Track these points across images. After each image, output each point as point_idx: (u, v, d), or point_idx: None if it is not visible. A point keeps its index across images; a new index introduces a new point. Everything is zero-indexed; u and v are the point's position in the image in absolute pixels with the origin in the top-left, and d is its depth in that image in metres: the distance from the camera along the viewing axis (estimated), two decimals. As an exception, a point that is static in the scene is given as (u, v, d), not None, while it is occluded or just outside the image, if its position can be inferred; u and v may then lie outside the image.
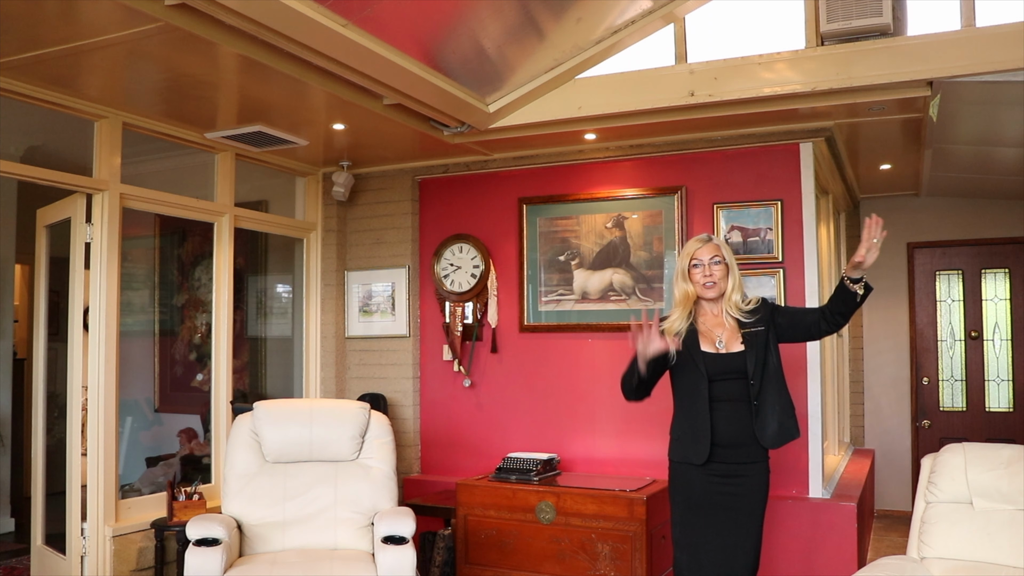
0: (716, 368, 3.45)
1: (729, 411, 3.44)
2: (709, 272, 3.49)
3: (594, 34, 4.67)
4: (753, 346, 3.45)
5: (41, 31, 3.60)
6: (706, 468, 3.45)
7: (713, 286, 3.49)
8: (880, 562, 3.37)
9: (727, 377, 3.44)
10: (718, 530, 3.45)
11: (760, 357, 3.44)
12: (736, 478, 3.45)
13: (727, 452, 3.44)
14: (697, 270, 3.51)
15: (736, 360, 3.45)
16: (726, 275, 3.52)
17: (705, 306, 3.57)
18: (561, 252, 5.69)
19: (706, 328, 3.54)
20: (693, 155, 5.39)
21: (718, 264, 3.50)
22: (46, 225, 5.24)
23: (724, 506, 3.45)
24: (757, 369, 3.42)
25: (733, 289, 3.52)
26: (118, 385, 4.78)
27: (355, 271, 6.33)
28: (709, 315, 3.56)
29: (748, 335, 3.47)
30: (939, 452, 3.58)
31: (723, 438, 3.43)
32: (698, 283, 3.51)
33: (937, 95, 4.43)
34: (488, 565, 5.00)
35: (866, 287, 3.37)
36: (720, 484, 3.45)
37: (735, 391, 3.44)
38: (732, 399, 3.44)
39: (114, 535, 4.68)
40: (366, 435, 4.43)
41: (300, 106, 4.74)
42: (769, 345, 3.48)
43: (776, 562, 4.86)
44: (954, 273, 7.46)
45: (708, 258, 3.51)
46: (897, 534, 6.69)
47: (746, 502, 3.45)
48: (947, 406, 7.45)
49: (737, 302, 3.53)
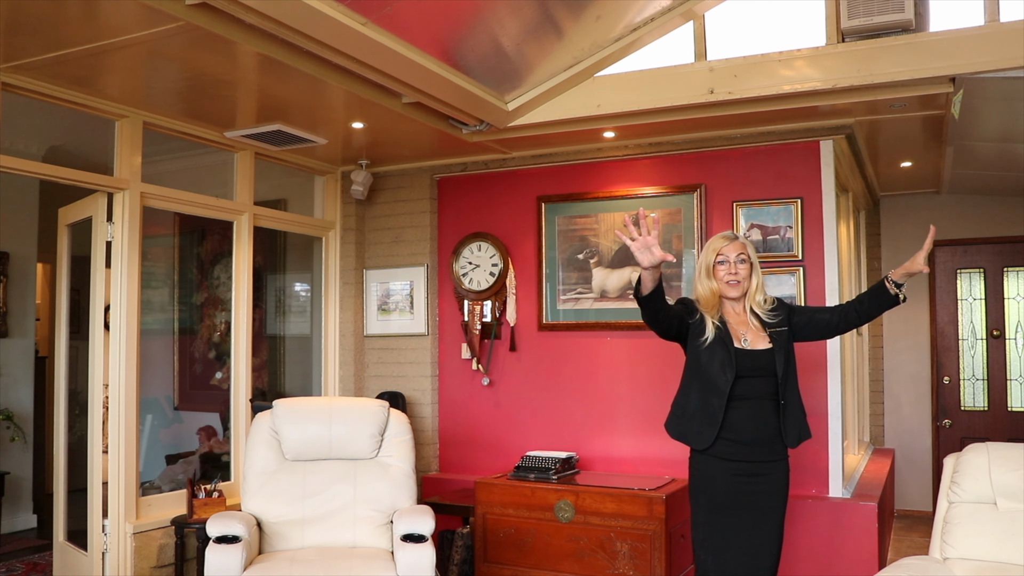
0: (744, 364, 3.42)
1: (754, 409, 3.42)
2: (735, 270, 3.47)
3: (613, 32, 4.66)
4: (780, 345, 3.44)
5: (63, 32, 3.63)
6: (730, 466, 3.42)
7: (737, 284, 3.47)
8: (902, 562, 3.34)
9: (753, 374, 3.42)
10: (743, 530, 3.43)
11: (787, 357, 3.45)
12: (760, 476, 3.43)
13: (751, 450, 3.42)
14: (722, 267, 3.48)
15: (762, 358, 3.43)
16: (750, 274, 3.50)
17: (727, 304, 3.54)
18: (580, 250, 5.68)
19: (731, 326, 3.51)
20: (712, 153, 5.37)
21: (743, 263, 3.48)
22: (68, 224, 5.28)
23: (748, 506, 3.43)
24: (786, 369, 3.43)
25: (757, 288, 3.51)
26: (139, 383, 4.81)
27: (374, 269, 6.34)
28: (732, 313, 3.54)
29: (774, 334, 3.46)
30: (962, 452, 3.55)
31: (746, 435, 3.41)
32: (721, 280, 3.48)
33: (960, 91, 4.39)
34: (506, 564, 5.00)
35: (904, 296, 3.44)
36: (745, 483, 3.43)
37: (760, 389, 3.42)
38: (757, 397, 3.42)
39: (135, 532, 4.71)
40: (385, 433, 4.44)
41: (319, 105, 4.75)
42: (790, 345, 3.48)
43: (796, 562, 4.84)
44: (975, 271, 7.39)
45: (735, 255, 3.48)
46: (918, 534, 6.64)
47: (769, 500, 3.44)
48: (968, 405, 7.38)
49: (760, 302, 3.52)
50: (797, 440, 3.46)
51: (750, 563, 3.42)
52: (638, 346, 5.42)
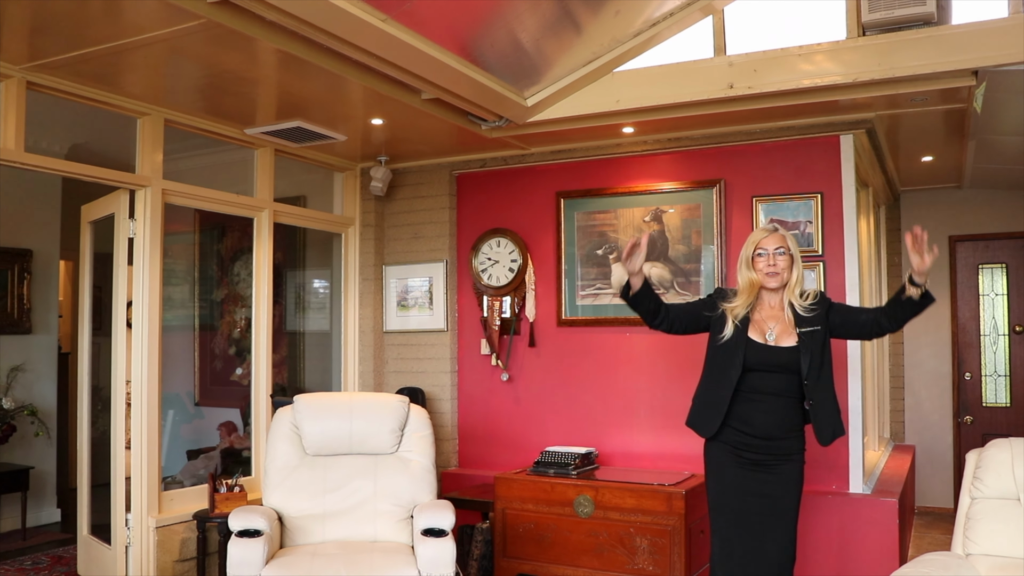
0: (758, 359, 3.45)
1: (770, 404, 3.45)
2: (773, 262, 3.50)
3: (632, 27, 4.65)
4: (808, 346, 3.43)
5: (86, 31, 3.66)
6: (739, 456, 3.48)
7: (776, 276, 3.50)
8: (924, 558, 3.32)
9: (770, 370, 3.44)
10: (751, 529, 3.46)
11: (816, 359, 3.43)
12: (768, 472, 3.45)
13: (762, 443, 3.45)
14: (761, 259, 3.52)
15: (784, 355, 3.44)
16: (790, 266, 3.52)
17: (764, 296, 3.57)
18: (599, 246, 5.67)
19: (760, 318, 3.54)
20: (732, 148, 5.35)
21: (783, 255, 3.50)
22: (90, 221, 5.32)
23: (757, 508, 3.45)
24: (813, 370, 3.42)
25: (796, 282, 3.52)
26: (161, 379, 4.85)
27: (393, 265, 6.36)
28: (766, 306, 3.56)
29: (804, 334, 3.45)
30: (985, 447, 3.52)
31: (756, 428, 3.45)
32: (761, 271, 3.51)
33: (982, 84, 4.35)
34: (526, 558, 5.01)
35: (926, 295, 3.39)
36: (752, 472, 3.46)
37: (779, 385, 3.44)
38: (775, 393, 3.45)
39: (157, 526, 4.76)
40: (405, 428, 4.45)
41: (339, 101, 4.77)
42: (825, 345, 3.48)
43: (816, 557, 4.82)
44: (998, 267, 7.33)
45: (773, 248, 3.51)
46: (939, 531, 6.60)
47: (780, 504, 3.46)
48: (990, 402, 7.33)
49: (798, 295, 3.52)
50: (831, 437, 3.48)
51: (758, 562, 3.44)
52: (657, 341, 5.41)
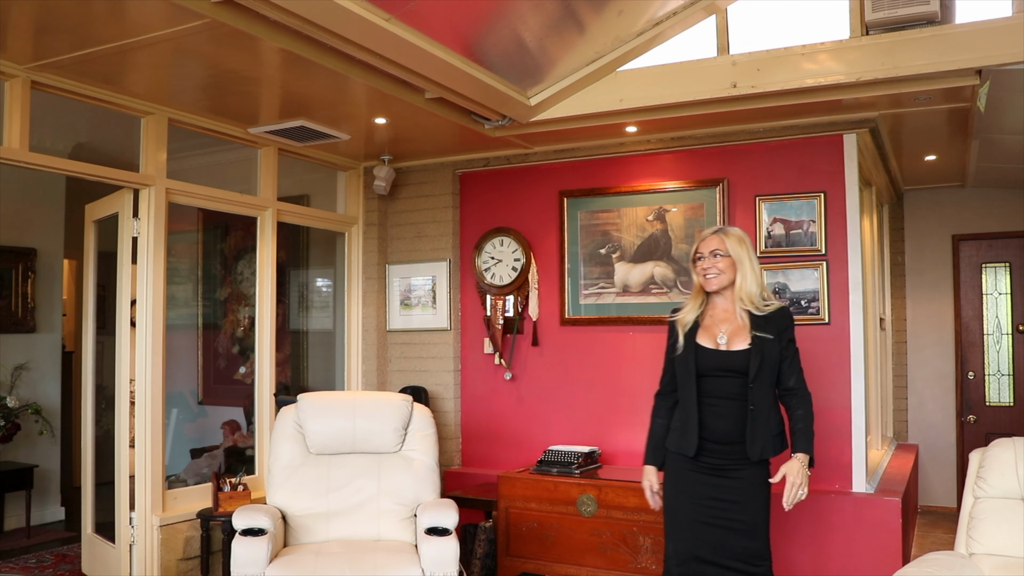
0: (710, 364, 3.39)
1: (725, 408, 3.37)
2: (708, 264, 3.44)
3: (635, 26, 4.65)
4: (760, 350, 3.34)
5: (90, 30, 3.67)
6: (696, 460, 3.40)
7: (713, 279, 3.43)
8: (927, 557, 3.32)
9: (723, 374, 3.37)
10: (706, 536, 3.36)
11: (767, 365, 3.34)
12: (726, 477, 3.36)
13: (719, 447, 3.37)
14: (700, 262, 3.48)
15: (736, 358, 3.35)
16: (731, 268, 3.43)
17: (715, 299, 3.51)
18: (602, 245, 5.68)
19: (712, 322, 3.48)
20: (735, 147, 5.35)
21: (719, 257, 3.43)
22: (94, 220, 5.33)
23: (712, 515, 3.36)
24: (759, 375, 3.32)
25: (744, 283, 3.42)
26: (165, 378, 4.86)
27: (396, 264, 6.37)
28: (718, 309, 3.50)
29: (757, 338, 3.36)
30: (988, 446, 3.52)
31: (715, 434, 3.37)
32: (699, 274, 3.48)
33: (986, 83, 4.35)
34: (529, 557, 5.02)
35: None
36: (708, 477, 3.38)
37: (734, 389, 3.35)
38: (730, 396, 3.36)
39: (161, 524, 4.77)
40: (409, 427, 4.46)
41: (342, 101, 4.78)
42: (774, 353, 3.37)
43: (820, 557, 4.82)
44: (1001, 266, 7.33)
45: (709, 251, 3.45)
46: (942, 531, 6.60)
47: (740, 511, 3.34)
48: (994, 401, 7.32)
49: (752, 296, 3.41)
50: (759, 454, 3.31)
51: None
52: (660, 340, 5.33)
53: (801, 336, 5.01)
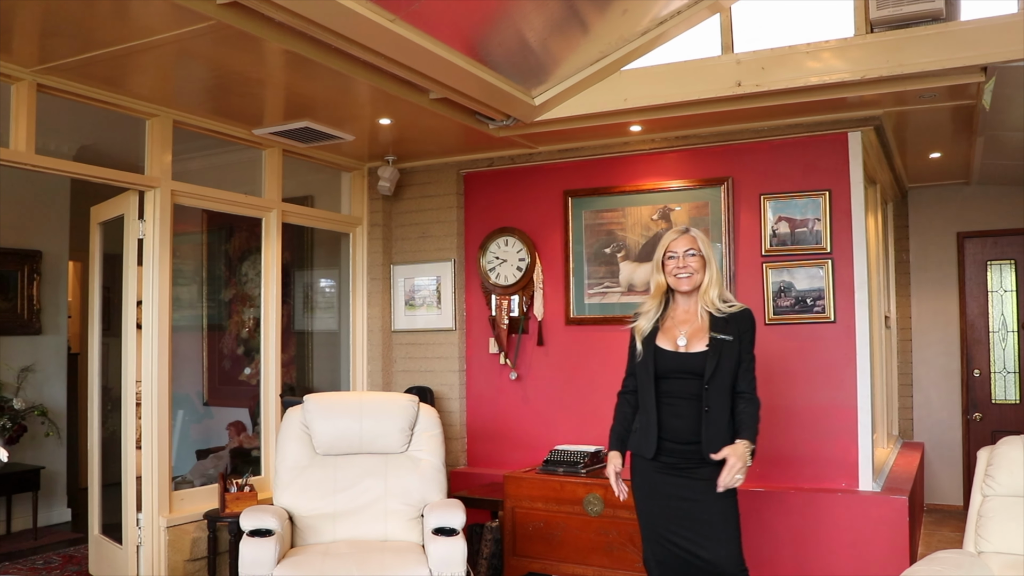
0: (669, 366, 3.39)
1: (684, 408, 3.37)
2: (683, 264, 3.42)
3: (640, 25, 4.64)
4: (717, 351, 3.34)
5: (95, 33, 3.67)
6: (656, 461, 3.41)
7: (687, 278, 3.42)
8: (936, 556, 3.31)
9: (682, 375, 3.37)
10: (676, 534, 3.38)
11: (724, 367, 3.34)
12: (686, 477, 3.37)
13: (678, 447, 3.38)
14: (672, 261, 3.46)
15: (693, 360, 3.36)
16: (702, 268, 3.43)
17: (679, 300, 3.50)
18: (607, 244, 5.68)
19: (672, 324, 3.47)
20: (740, 146, 5.35)
21: (693, 256, 3.43)
22: (100, 222, 5.34)
23: (677, 513, 3.37)
24: (717, 376, 3.32)
25: (710, 284, 3.43)
26: (171, 379, 4.87)
27: (401, 265, 6.37)
28: (680, 310, 3.49)
29: (715, 340, 3.36)
30: (996, 445, 3.51)
31: (673, 434, 3.38)
32: (671, 274, 3.46)
33: (991, 80, 4.34)
34: (536, 557, 5.02)
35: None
36: (670, 476, 3.39)
37: (692, 390, 3.36)
38: (689, 397, 3.36)
39: (168, 525, 4.77)
40: (415, 428, 4.46)
41: (346, 102, 4.78)
42: (732, 355, 3.37)
43: (826, 556, 4.82)
44: (1006, 263, 7.32)
45: (683, 250, 3.44)
46: (948, 529, 6.59)
47: (703, 510, 3.34)
48: (999, 398, 7.31)
49: (714, 299, 3.42)
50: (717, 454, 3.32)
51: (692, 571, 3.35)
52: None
53: (807, 334, 5.07)
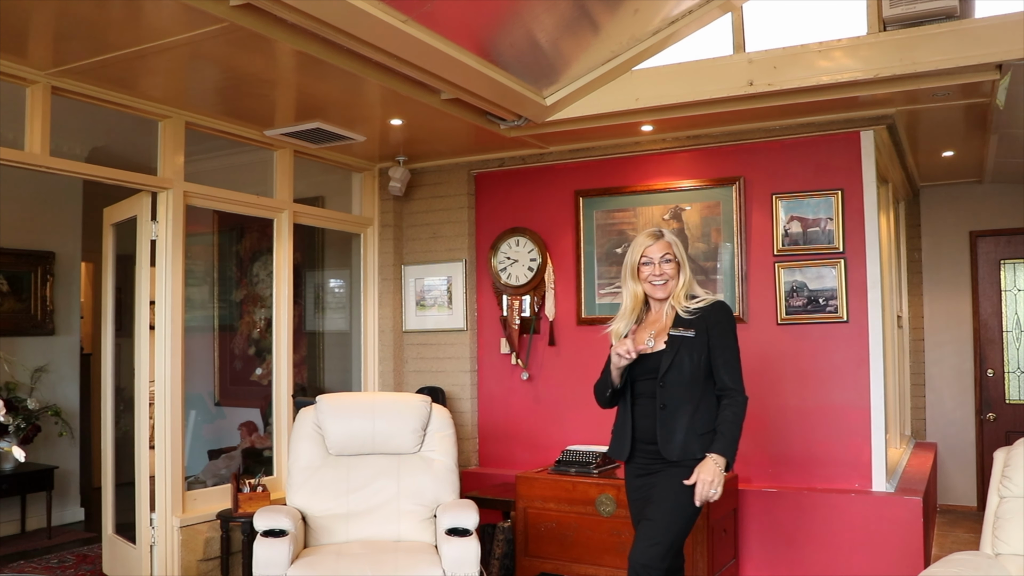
0: (636, 368, 3.36)
1: (648, 408, 3.36)
2: (660, 271, 3.34)
3: (651, 25, 4.64)
4: (674, 349, 3.29)
5: (108, 35, 3.69)
6: (631, 463, 3.45)
7: (663, 285, 3.35)
8: (953, 558, 3.29)
9: (645, 376, 3.35)
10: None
11: (677, 361, 3.28)
12: (652, 477, 3.36)
13: (646, 447, 3.38)
14: (647, 268, 3.36)
15: (652, 359, 3.32)
16: (676, 274, 3.37)
17: (653, 306, 3.46)
18: (618, 244, 5.67)
19: (643, 326, 3.44)
20: (751, 145, 5.34)
21: (669, 262, 3.35)
22: (112, 224, 5.36)
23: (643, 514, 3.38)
24: (672, 372, 3.27)
25: (682, 287, 3.37)
26: (183, 379, 4.88)
27: (412, 265, 6.38)
28: (652, 312, 3.46)
29: (673, 337, 3.30)
30: (1013, 445, 3.48)
31: (641, 434, 3.39)
32: (647, 281, 3.37)
33: (1005, 78, 4.32)
34: (548, 557, 5.01)
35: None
36: (640, 478, 3.41)
37: (652, 388, 3.34)
38: (650, 396, 3.35)
39: (181, 525, 4.79)
40: (428, 428, 4.46)
41: (357, 102, 4.79)
42: (694, 351, 3.29)
43: (841, 557, 4.80)
44: (1020, 262, 7.27)
45: (659, 256, 3.35)
46: (962, 530, 6.56)
47: (651, 513, 3.30)
48: (1014, 399, 7.26)
49: (681, 298, 3.36)
50: (677, 454, 3.27)
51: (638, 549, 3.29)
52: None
53: (819, 334, 5.06)
